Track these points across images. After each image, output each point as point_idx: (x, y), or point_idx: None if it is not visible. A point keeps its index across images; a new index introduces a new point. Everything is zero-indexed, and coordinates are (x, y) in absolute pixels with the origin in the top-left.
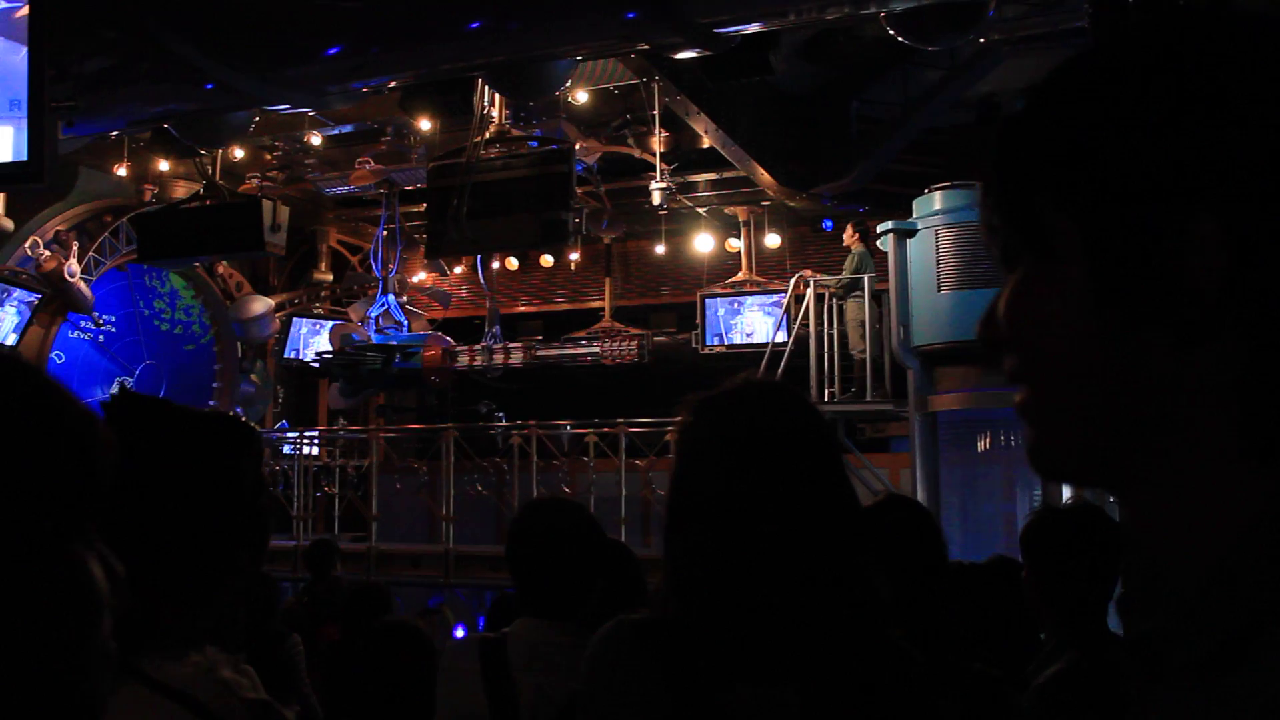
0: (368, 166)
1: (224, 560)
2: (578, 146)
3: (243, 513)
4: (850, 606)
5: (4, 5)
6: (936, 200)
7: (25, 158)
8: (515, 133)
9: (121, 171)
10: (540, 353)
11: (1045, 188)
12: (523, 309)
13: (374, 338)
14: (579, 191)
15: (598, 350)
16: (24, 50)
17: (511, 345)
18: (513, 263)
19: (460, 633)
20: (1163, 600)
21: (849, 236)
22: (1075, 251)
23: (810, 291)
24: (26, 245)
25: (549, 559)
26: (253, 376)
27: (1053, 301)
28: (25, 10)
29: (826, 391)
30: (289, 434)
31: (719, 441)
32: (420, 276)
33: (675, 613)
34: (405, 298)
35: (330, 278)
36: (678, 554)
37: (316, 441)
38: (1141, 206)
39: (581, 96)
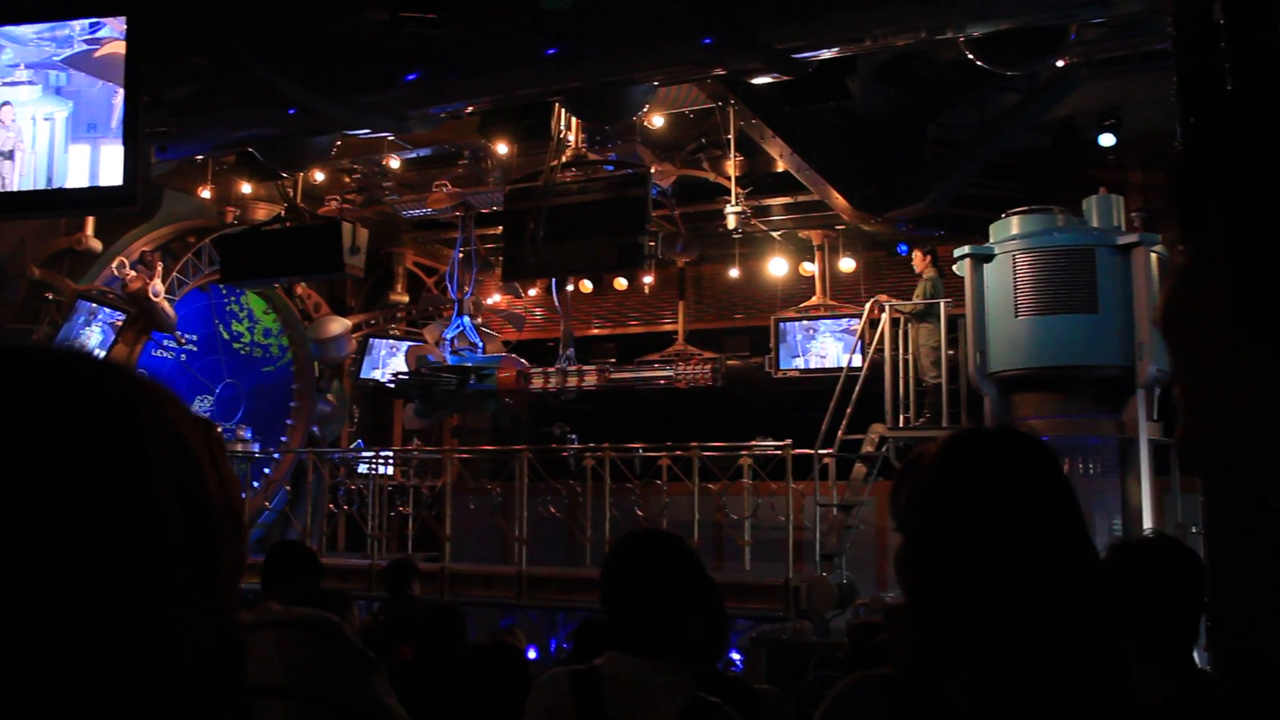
0: (445, 189)
1: None
2: (653, 170)
3: None
4: (1096, 670)
5: (84, 46)
6: (1014, 225)
7: (98, 177)
8: (591, 156)
9: (205, 194)
10: (614, 375)
11: (1211, 193)
12: (596, 331)
13: (449, 359)
14: (654, 215)
15: (671, 373)
16: (100, 83)
17: (585, 368)
18: (587, 285)
19: (532, 654)
20: None
21: (919, 262)
22: (1224, 259)
23: (885, 316)
24: (113, 266)
25: (649, 596)
26: (330, 396)
27: (1200, 301)
28: (104, 50)
29: (901, 417)
30: (364, 453)
31: (973, 489)
32: (495, 298)
33: (922, 669)
34: (480, 319)
35: (406, 299)
36: (926, 608)
37: (391, 461)
38: None
39: (657, 120)
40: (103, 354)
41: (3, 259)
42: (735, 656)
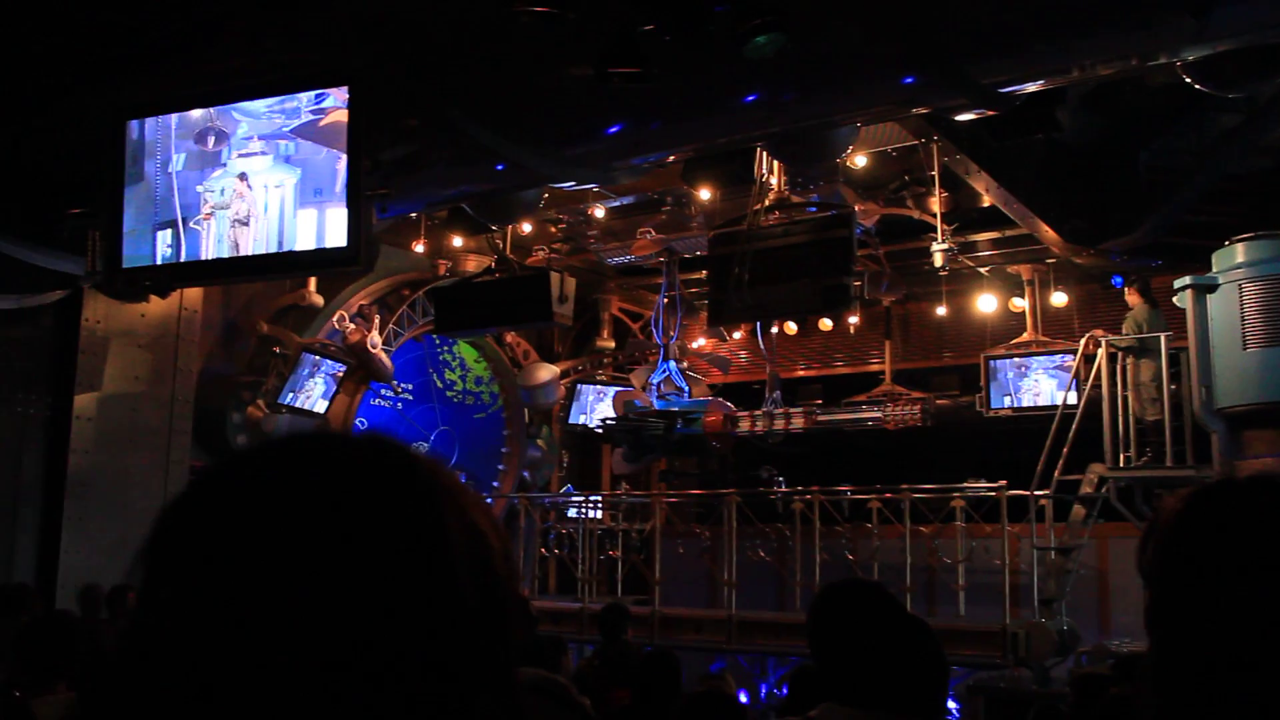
0: (648, 236)
1: None
2: (857, 210)
3: None
4: None
5: (310, 115)
6: (1239, 252)
7: (324, 239)
8: (794, 199)
9: (418, 248)
10: (821, 417)
11: None
12: (802, 373)
13: (656, 404)
14: (858, 255)
15: (879, 414)
16: (325, 150)
17: (792, 410)
18: (791, 327)
19: (743, 698)
20: None
21: (1129, 294)
22: None
23: (1101, 352)
24: (334, 319)
25: (856, 647)
26: (539, 441)
27: None
28: (328, 119)
29: (1122, 456)
30: (574, 498)
31: (1221, 544)
32: (700, 342)
33: None
34: (685, 364)
35: (613, 345)
36: (1172, 671)
37: (600, 505)
38: None
39: (860, 160)
40: (325, 404)
41: (235, 316)
42: (951, 705)
